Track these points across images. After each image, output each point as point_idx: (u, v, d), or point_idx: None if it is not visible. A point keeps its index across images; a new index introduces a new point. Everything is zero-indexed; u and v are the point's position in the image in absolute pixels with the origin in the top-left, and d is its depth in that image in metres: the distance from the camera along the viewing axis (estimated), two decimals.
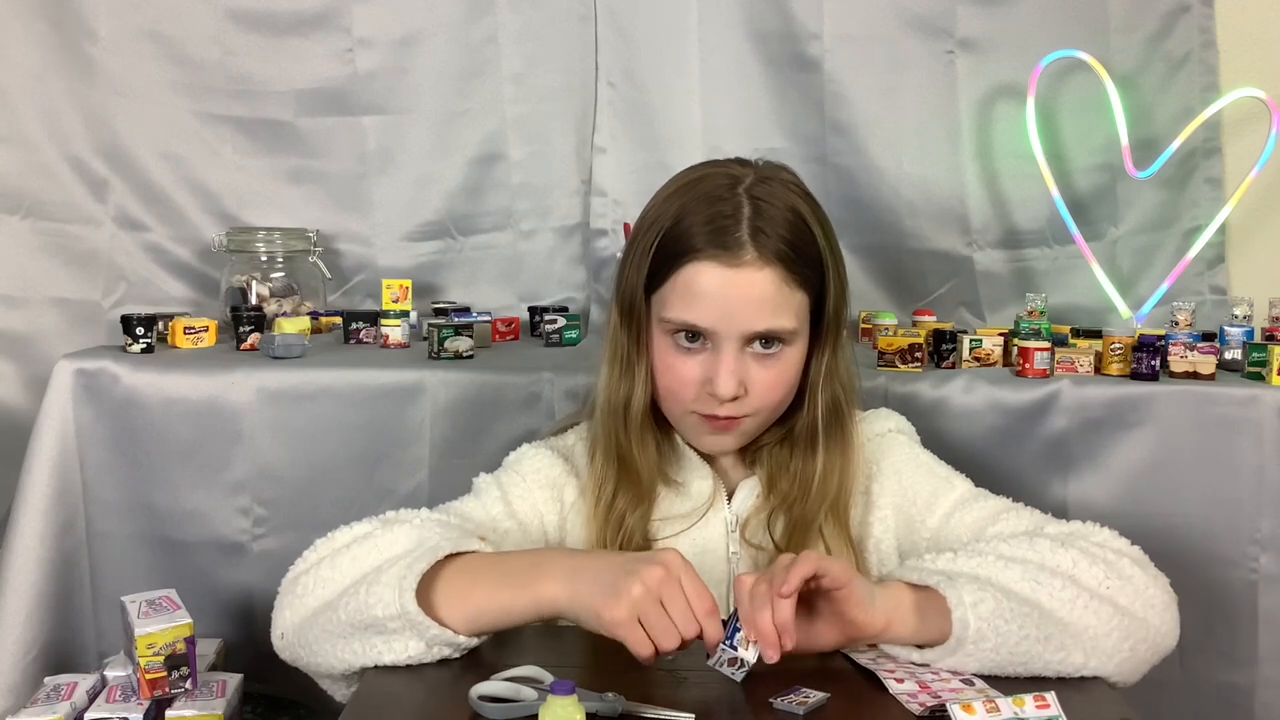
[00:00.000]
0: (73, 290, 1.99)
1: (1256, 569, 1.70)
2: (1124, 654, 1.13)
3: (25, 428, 1.70)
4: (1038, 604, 1.11)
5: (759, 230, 1.22)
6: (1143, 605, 1.15)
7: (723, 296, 1.22)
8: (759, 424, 1.31)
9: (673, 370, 1.27)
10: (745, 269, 1.21)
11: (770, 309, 1.23)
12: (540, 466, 1.36)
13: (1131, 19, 2.08)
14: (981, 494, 1.34)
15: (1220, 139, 2.10)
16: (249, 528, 1.70)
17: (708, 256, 1.22)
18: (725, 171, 1.27)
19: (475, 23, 2.06)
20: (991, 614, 1.09)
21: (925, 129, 2.08)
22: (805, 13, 2.05)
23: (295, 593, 1.19)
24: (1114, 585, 1.14)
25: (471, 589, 1.12)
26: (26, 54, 1.96)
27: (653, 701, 1.03)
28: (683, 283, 1.23)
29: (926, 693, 1.06)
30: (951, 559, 1.16)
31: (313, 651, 1.16)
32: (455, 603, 1.12)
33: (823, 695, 1.04)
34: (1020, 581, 1.12)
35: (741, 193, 1.24)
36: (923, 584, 1.13)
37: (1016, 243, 2.12)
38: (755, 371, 1.25)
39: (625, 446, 1.31)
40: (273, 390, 1.68)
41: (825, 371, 1.31)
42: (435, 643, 1.11)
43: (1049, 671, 1.11)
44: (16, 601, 1.62)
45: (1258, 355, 1.74)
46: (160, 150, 2.03)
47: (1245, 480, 1.68)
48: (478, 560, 1.15)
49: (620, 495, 1.31)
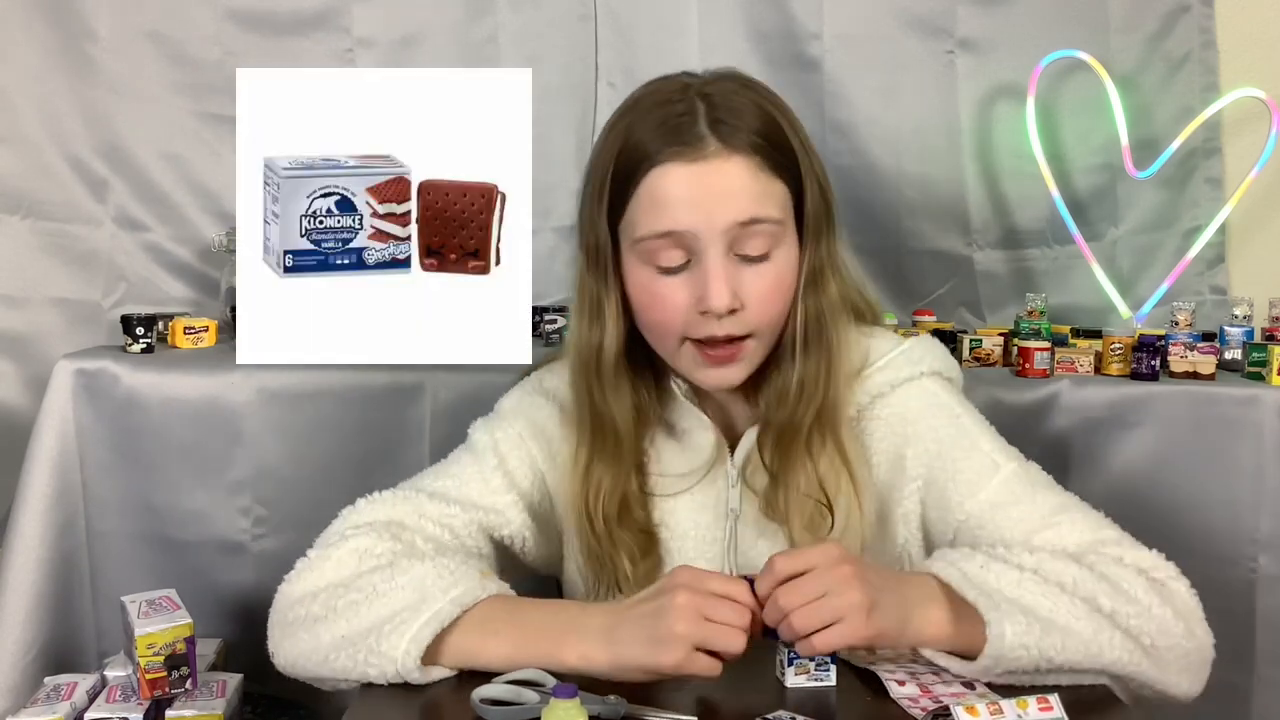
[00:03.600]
0: (73, 290, 1.98)
1: (1255, 569, 1.70)
2: (1136, 685, 1.11)
3: (25, 428, 1.70)
4: (1086, 647, 1.07)
5: (718, 121, 1.12)
6: (1178, 667, 1.11)
7: (693, 194, 1.11)
8: (764, 347, 1.19)
9: (657, 300, 1.16)
10: (710, 159, 1.11)
11: (748, 196, 1.12)
12: (534, 419, 1.30)
13: (1131, 19, 2.08)
14: (1027, 479, 1.21)
15: (1220, 139, 2.10)
16: (249, 528, 1.70)
17: (667, 158, 1.12)
18: (672, 81, 1.19)
19: (475, 23, 2.06)
20: (1025, 664, 1.05)
21: (925, 129, 2.08)
22: (805, 13, 2.05)
23: (288, 621, 1.16)
24: (1158, 651, 1.09)
25: (484, 646, 1.09)
26: (26, 54, 1.96)
27: (654, 704, 1.03)
28: (647, 195, 1.13)
29: (928, 697, 1.05)
30: (1000, 574, 1.08)
31: (307, 674, 1.17)
32: (463, 657, 1.10)
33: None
34: (1078, 624, 1.06)
35: (693, 94, 1.15)
36: (962, 594, 1.07)
37: (1016, 243, 2.12)
38: (749, 281, 1.14)
39: (599, 400, 1.21)
40: (273, 390, 1.68)
41: (809, 274, 1.18)
42: (412, 676, 1.09)
43: (1054, 684, 1.09)
44: (16, 601, 1.63)
45: (1258, 355, 1.74)
46: (160, 150, 2.02)
47: (1245, 480, 1.68)
48: (490, 614, 1.10)
49: (597, 461, 1.22)
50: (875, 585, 1.05)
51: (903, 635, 1.07)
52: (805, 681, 1.07)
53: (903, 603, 1.07)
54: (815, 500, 1.20)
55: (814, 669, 1.07)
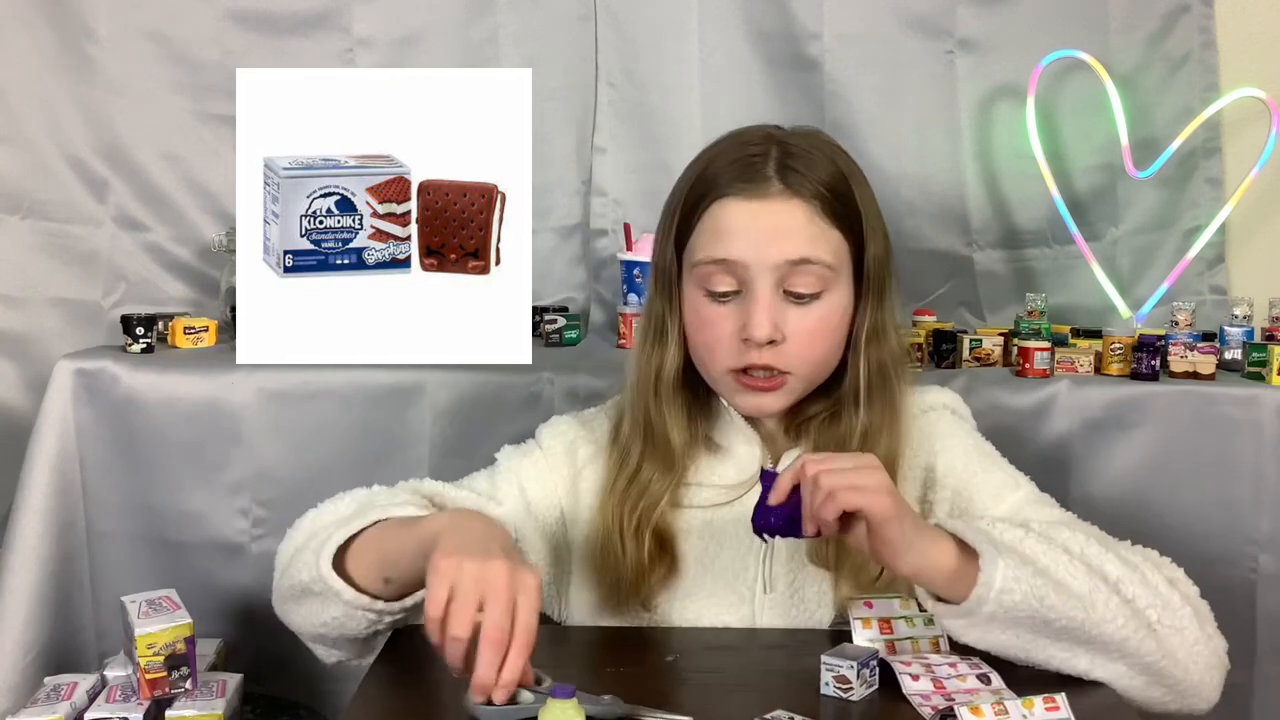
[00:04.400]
0: (73, 290, 1.98)
1: (1255, 568, 1.70)
2: (1138, 688, 1.10)
3: (25, 428, 1.71)
4: (1082, 608, 1.06)
5: (787, 168, 1.19)
6: (1186, 657, 1.10)
7: (750, 228, 1.18)
8: (802, 384, 1.23)
9: (707, 324, 1.21)
10: (772, 199, 1.18)
11: (802, 237, 1.18)
12: (560, 432, 1.35)
13: (1131, 19, 2.08)
14: (1046, 500, 1.28)
15: (1220, 139, 2.10)
16: (248, 528, 1.70)
17: (733, 193, 1.19)
18: (758, 129, 1.25)
19: (475, 23, 2.06)
20: (1014, 605, 1.04)
21: (925, 129, 2.08)
22: (805, 12, 2.05)
23: (277, 559, 1.24)
24: (1164, 631, 1.08)
25: (380, 540, 1.14)
26: (26, 54, 1.96)
27: (651, 704, 1.03)
28: (709, 222, 1.20)
29: (940, 693, 1.05)
30: (1021, 536, 1.09)
31: (283, 610, 1.23)
32: (363, 556, 1.14)
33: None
34: (1075, 581, 1.06)
35: (772, 142, 1.22)
36: (972, 545, 1.07)
37: (1016, 243, 2.12)
38: (793, 318, 1.19)
39: (655, 416, 1.26)
40: (273, 390, 1.68)
41: (870, 329, 1.24)
42: (353, 606, 1.13)
43: (1048, 666, 1.09)
44: (16, 602, 1.63)
45: (1258, 355, 1.74)
46: (160, 150, 2.02)
47: (1245, 480, 1.68)
48: (397, 521, 1.15)
49: (647, 463, 1.26)
50: (900, 498, 1.08)
51: (908, 552, 1.06)
52: (864, 691, 1.06)
53: (917, 527, 1.08)
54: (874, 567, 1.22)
55: (868, 675, 1.07)
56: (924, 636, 1.14)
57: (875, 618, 1.14)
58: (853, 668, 1.05)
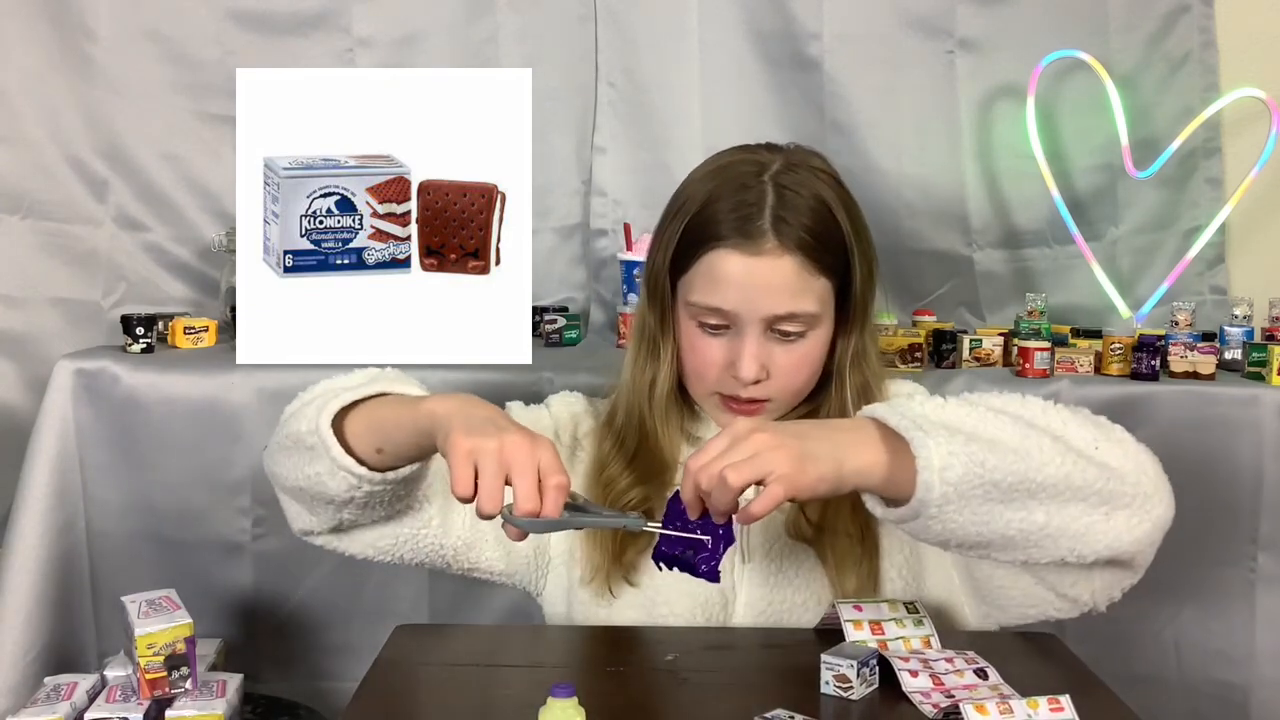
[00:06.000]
0: (73, 290, 1.98)
1: (1255, 569, 1.70)
2: (1104, 525, 1.08)
3: (25, 428, 1.70)
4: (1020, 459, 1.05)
5: (780, 219, 1.23)
6: (1134, 467, 1.10)
7: (744, 283, 1.23)
8: (783, 407, 1.31)
9: (698, 352, 1.28)
10: (765, 256, 1.22)
11: (790, 293, 1.24)
12: (569, 403, 1.42)
13: (1131, 19, 2.08)
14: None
15: (1220, 139, 2.10)
16: (249, 528, 1.70)
17: (731, 245, 1.23)
18: (754, 158, 1.28)
19: (475, 23, 2.06)
20: (960, 479, 1.02)
21: (925, 129, 2.08)
22: (805, 13, 2.05)
23: (283, 413, 1.28)
24: (1104, 448, 1.09)
25: (379, 411, 1.16)
26: (26, 54, 1.96)
27: (652, 703, 1.02)
28: (706, 268, 1.25)
29: (940, 690, 1.06)
30: (940, 406, 1.09)
31: (272, 458, 1.27)
32: (361, 422, 1.16)
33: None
34: (1004, 433, 1.06)
35: (767, 180, 1.25)
36: (897, 430, 1.05)
37: (1016, 243, 2.12)
38: (778, 355, 1.26)
39: (649, 424, 1.32)
40: (273, 390, 1.68)
41: (853, 355, 1.31)
42: (338, 465, 1.14)
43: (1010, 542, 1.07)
44: (16, 602, 1.63)
45: (1258, 355, 1.74)
46: (160, 150, 2.03)
47: (1245, 480, 1.68)
48: (400, 396, 1.18)
49: (643, 455, 1.32)
50: (798, 433, 1.05)
51: (841, 476, 1.04)
52: (864, 690, 1.07)
53: (835, 445, 1.06)
54: (853, 539, 1.27)
55: (868, 674, 1.07)
56: (915, 636, 1.15)
57: (866, 620, 1.15)
58: (853, 666, 1.05)
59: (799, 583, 1.29)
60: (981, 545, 1.08)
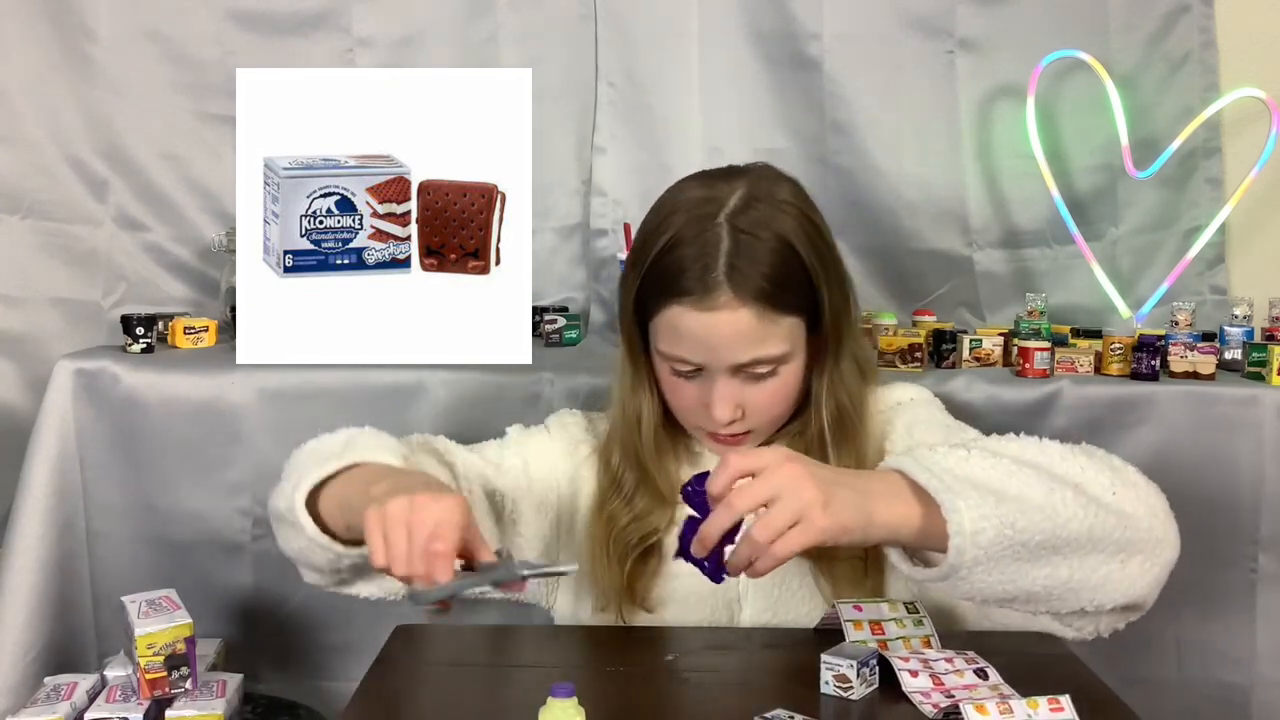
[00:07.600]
0: (73, 290, 1.98)
1: (1255, 569, 1.70)
2: (1119, 572, 1.09)
3: (25, 428, 1.70)
4: (1046, 516, 1.05)
5: (735, 269, 1.20)
6: (1146, 511, 1.11)
7: (702, 337, 1.23)
8: (766, 434, 1.32)
9: (675, 392, 1.30)
10: (721, 311, 1.21)
11: (751, 342, 1.23)
12: (567, 424, 1.43)
13: (1131, 19, 2.08)
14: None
15: (1220, 139, 2.10)
16: (249, 528, 1.70)
17: (686, 302, 1.22)
18: (712, 195, 1.25)
19: (475, 23, 2.06)
20: (991, 542, 1.03)
21: (925, 129, 2.08)
22: (805, 13, 2.04)
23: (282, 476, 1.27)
24: (1120, 493, 1.10)
25: (344, 488, 1.16)
26: (26, 54, 1.96)
27: (652, 704, 1.03)
28: (666, 323, 1.25)
29: (940, 690, 1.06)
30: (964, 459, 1.08)
31: (273, 528, 1.27)
32: (331, 500, 1.16)
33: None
34: (1030, 489, 1.06)
35: (722, 222, 1.22)
36: (925, 489, 1.05)
37: (1016, 243, 2.11)
38: (751, 393, 1.26)
39: (644, 457, 1.33)
40: (273, 390, 1.68)
41: (828, 382, 1.30)
42: (315, 543, 1.16)
43: (1033, 597, 1.08)
44: (16, 602, 1.63)
45: (1258, 355, 1.74)
46: (160, 150, 2.02)
47: (1245, 480, 1.68)
48: (370, 469, 1.16)
49: (643, 490, 1.33)
50: (828, 480, 1.04)
51: (869, 527, 1.04)
52: (864, 690, 1.07)
53: (864, 495, 1.05)
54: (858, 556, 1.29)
55: (868, 674, 1.07)
56: (914, 636, 1.14)
57: (866, 620, 1.15)
58: (853, 666, 1.05)
59: (802, 594, 1.29)
60: (1007, 600, 1.09)
